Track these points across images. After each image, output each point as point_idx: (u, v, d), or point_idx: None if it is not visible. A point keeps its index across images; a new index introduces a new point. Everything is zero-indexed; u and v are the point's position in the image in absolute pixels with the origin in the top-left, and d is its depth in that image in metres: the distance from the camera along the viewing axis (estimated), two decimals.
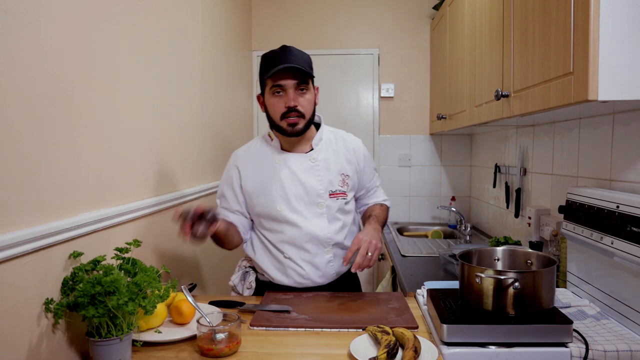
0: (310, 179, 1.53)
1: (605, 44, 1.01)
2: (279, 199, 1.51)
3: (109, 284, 0.99)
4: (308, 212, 1.52)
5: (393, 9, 3.25)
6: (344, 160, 1.59)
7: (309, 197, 1.52)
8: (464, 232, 2.70)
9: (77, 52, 1.13)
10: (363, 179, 1.67)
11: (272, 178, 1.53)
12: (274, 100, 1.47)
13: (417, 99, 3.27)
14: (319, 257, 1.54)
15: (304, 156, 1.55)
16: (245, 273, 1.67)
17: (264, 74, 1.46)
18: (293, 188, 1.52)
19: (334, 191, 1.55)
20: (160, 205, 1.61)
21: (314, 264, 1.54)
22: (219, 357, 1.11)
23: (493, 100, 1.65)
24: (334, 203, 1.55)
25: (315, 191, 1.52)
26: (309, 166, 1.54)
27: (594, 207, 1.33)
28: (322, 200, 1.53)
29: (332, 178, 1.55)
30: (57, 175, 1.05)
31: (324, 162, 1.55)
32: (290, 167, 1.53)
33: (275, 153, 1.56)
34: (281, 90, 1.46)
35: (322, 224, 1.53)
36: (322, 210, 1.53)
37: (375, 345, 1.14)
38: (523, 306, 1.13)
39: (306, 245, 1.53)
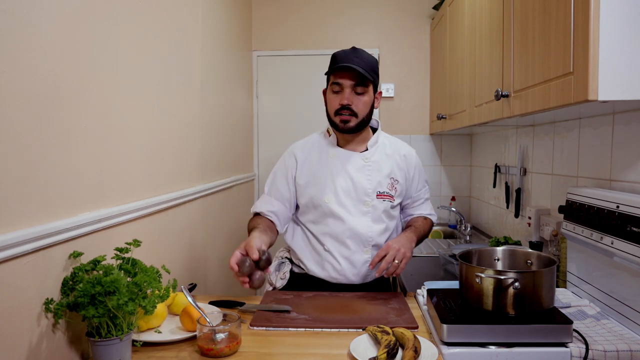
0: (361, 177, 1.57)
1: (605, 44, 1.02)
2: (328, 191, 1.56)
3: (109, 284, 0.99)
4: (354, 208, 1.56)
5: (393, 9, 3.25)
6: (395, 166, 1.63)
7: (357, 194, 1.56)
8: (464, 232, 2.70)
9: (77, 52, 1.13)
10: (411, 188, 1.68)
11: (325, 170, 1.58)
12: (332, 97, 1.54)
13: (417, 99, 3.27)
14: (357, 255, 1.57)
15: (358, 155, 1.60)
16: (281, 263, 1.69)
17: (329, 70, 1.54)
18: (343, 183, 1.56)
19: (381, 192, 1.58)
20: (160, 205, 1.61)
21: (351, 261, 1.56)
22: (219, 357, 1.11)
23: (493, 100, 1.65)
24: (380, 204, 1.58)
25: (363, 189, 1.56)
26: (361, 165, 1.58)
27: (594, 207, 1.33)
28: (368, 199, 1.56)
29: (381, 180, 1.59)
30: (57, 175, 1.05)
31: (376, 164, 1.60)
32: (343, 162, 1.58)
33: (331, 148, 1.62)
34: (339, 88, 1.52)
35: (365, 222, 1.56)
36: (368, 209, 1.57)
37: (375, 345, 1.14)
38: (523, 306, 1.13)
39: (347, 240, 1.56)
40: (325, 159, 1.60)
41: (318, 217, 1.58)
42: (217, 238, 2.41)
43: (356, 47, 1.56)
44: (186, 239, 1.93)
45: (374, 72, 1.54)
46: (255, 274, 1.31)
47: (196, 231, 2.06)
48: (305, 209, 1.61)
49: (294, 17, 3.28)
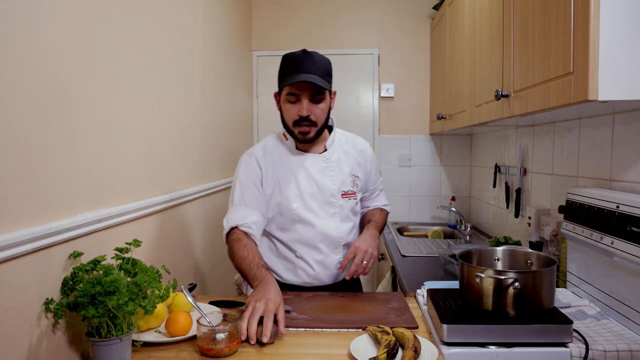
0: (325, 179, 1.56)
1: (605, 44, 1.01)
2: (295, 197, 1.53)
3: (109, 284, 0.99)
4: (322, 211, 1.55)
5: (393, 9, 3.25)
6: (354, 162, 1.63)
7: (323, 197, 1.55)
8: (464, 232, 2.70)
9: (77, 52, 1.13)
10: (369, 181, 1.70)
11: (288, 177, 1.54)
12: (289, 106, 1.49)
13: (417, 99, 3.27)
14: (329, 258, 1.57)
15: (318, 157, 1.58)
16: None
17: (282, 79, 1.47)
18: (308, 187, 1.54)
19: (346, 191, 1.58)
20: (160, 205, 1.61)
21: (325, 264, 1.57)
22: (219, 357, 1.10)
23: (493, 100, 1.65)
24: (346, 203, 1.58)
25: (329, 191, 1.55)
26: (323, 166, 1.57)
27: (594, 207, 1.33)
28: (335, 200, 1.56)
29: (344, 178, 1.58)
30: (57, 175, 1.05)
31: (337, 163, 1.59)
32: (305, 167, 1.56)
33: (290, 153, 1.58)
34: (296, 98, 1.47)
35: (334, 223, 1.56)
36: (335, 210, 1.56)
37: (375, 345, 1.14)
38: (523, 306, 1.13)
39: (319, 244, 1.55)
40: (286, 165, 1.55)
41: (286, 224, 1.54)
42: (217, 238, 2.41)
43: (307, 49, 1.49)
44: (186, 239, 1.93)
45: (329, 75, 1.50)
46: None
47: (196, 231, 2.06)
48: (271, 217, 1.56)
49: (293, 17, 3.28)
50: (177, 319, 1.21)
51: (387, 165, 3.30)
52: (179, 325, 1.20)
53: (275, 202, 1.54)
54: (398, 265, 2.02)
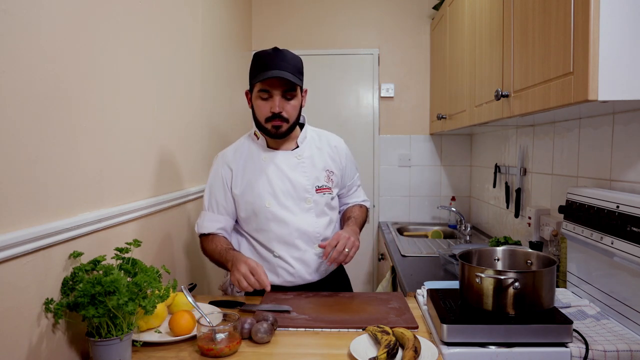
0: (297, 175, 1.55)
1: (605, 44, 1.02)
2: (267, 195, 1.53)
3: (109, 284, 0.99)
4: (296, 207, 1.54)
5: (393, 9, 3.25)
6: (327, 158, 1.62)
7: (297, 193, 1.54)
8: (464, 232, 2.70)
9: (77, 52, 1.13)
10: (345, 177, 1.69)
11: (260, 175, 1.54)
12: (260, 103, 1.48)
13: (417, 99, 3.27)
14: (308, 254, 1.56)
15: (290, 153, 1.57)
16: None
17: (253, 76, 1.48)
18: (281, 184, 1.53)
19: (320, 186, 1.57)
20: (160, 205, 1.61)
21: (304, 261, 1.55)
22: (219, 357, 1.11)
23: (493, 100, 1.65)
24: (321, 198, 1.57)
25: (302, 186, 1.55)
26: (295, 163, 1.56)
27: (594, 207, 1.33)
28: (309, 195, 1.55)
29: (317, 174, 1.58)
30: (57, 175, 1.05)
31: (310, 159, 1.58)
32: (277, 164, 1.55)
33: (262, 151, 1.58)
34: (268, 95, 1.47)
35: (310, 219, 1.55)
36: (310, 205, 1.56)
37: (375, 345, 1.14)
38: (523, 306, 1.13)
39: (296, 241, 1.54)
40: (258, 164, 1.56)
41: (261, 224, 1.54)
42: None
43: (278, 47, 1.49)
44: (186, 239, 1.93)
45: (300, 73, 1.50)
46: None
47: None
48: (246, 218, 1.57)
49: (293, 17, 3.28)
50: (181, 319, 1.21)
51: (387, 165, 3.30)
52: (182, 325, 1.20)
53: (246, 202, 1.54)
54: (398, 265, 2.02)
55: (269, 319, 1.22)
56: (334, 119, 3.24)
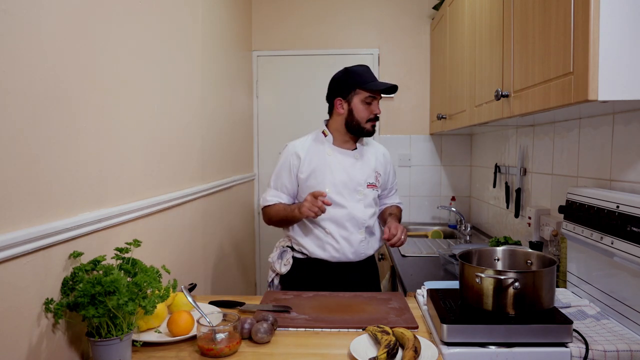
0: (354, 171, 1.85)
1: (605, 44, 1.01)
2: (328, 183, 1.81)
3: (109, 284, 0.99)
4: (350, 196, 1.83)
5: (393, 9, 3.25)
6: (377, 162, 1.93)
7: (352, 185, 1.83)
8: (464, 232, 2.70)
9: (77, 52, 1.13)
10: (388, 181, 2.01)
11: (324, 166, 1.83)
12: (364, 107, 1.82)
13: (417, 99, 3.27)
14: (354, 236, 1.82)
15: (350, 152, 1.88)
16: (283, 252, 1.91)
17: (359, 85, 1.80)
18: (340, 176, 1.82)
19: (370, 183, 1.87)
20: (160, 205, 1.61)
21: (349, 241, 1.82)
22: (219, 357, 1.11)
23: (493, 100, 1.65)
24: (370, 193, 1.87)
25: (356, 180, 1.84)
26: (353, 161, 1.87)
27: (594, 207, 1.33)
28: (361, 188, 1.85)
29: (369, 173, 1.88)
30: (57, 175, 1.05)
31: (364, 160, 1.89)
32: (339, 159, 1.86)
33: (328, 146, 1.87)
34: (371, 100, 1.82)
35: (360, 207, 1.83)
36: (361, 197, 1.84)
37: (375, 345, 1.14)
38: (523, 306, 1.13)
39: (346, 223, 1.81)
40: (323, 156, 1.85)
41: None
42: (217, 238, 2.41)
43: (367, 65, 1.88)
44: (186, 239, 1.93)
45: None
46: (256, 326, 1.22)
47: (196, 231, 2.06)
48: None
49: (293, 17, 3.28)
50: (179, 319, 1.21)
51: None
52: (181, 325, 1.20)
53: (309, 186, 1.82)
54: (398, 265, 2.02)
55: (269, 319, 1.22)
56: None
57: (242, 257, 2.98)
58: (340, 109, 1.85)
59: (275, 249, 1.93)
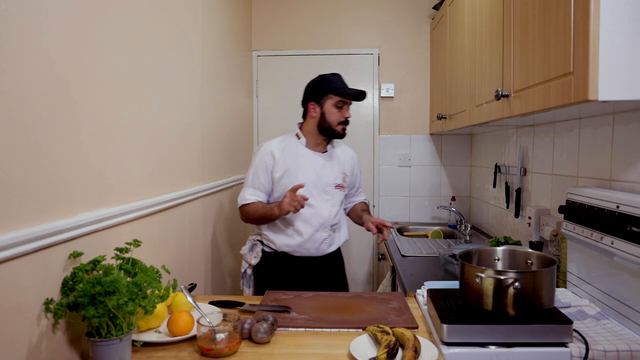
0: (324, 172, 1.99)
1: (605, 44, 1.01)
2: (300, 182, 1.88)
3: (109, 284, 0.99)
4: (318, 196, 1.96)
5: (393, 9, 3.25)
6: (346, 164, 2.08)
7: (321, 185, 1.97)
8: (464, 232, 2.70)
9: (77, 52, 1.13)
10: (356, 181, 2.19)
11: (297, 166, 1.95)
12: (335, 111, 1.96)
13: (417, 99, 3.27)
14: (318, 234, 1.97)
15: (321, 155, 2.02)
16: (253, 245, 2.06)
17: (331, 91, 1.94)
18: (310, 176, 1.95)
19: (338, 184, 2.02)
20: (160, 205, 1.61)
21: (314, 238, 1.96)
22: (219, 357, 1.11)
23: (493, 100, 1.65)
24: (337, 193, 2.02)
25: (326, 181, 1.98)
26: (323, 162, 2.00)
27: (594, 207, 1.33)
28: (329, 189, 1.99)
29: (337, 174, 2.02)
30: (57, 175, 1.05)
31: (333, 162, 2.03)
32: (310, 161, 1.98)
33: (301, 148, 2.00)
34: (342, 104, 1.96)
35: (327, 207, 1.98)
36: (329, 197, 1.99)
37: (375, 345, 1.14)
38: (523, 306, 1.13)
39: (313, 222, 1.95)
40: (296, 157, 1.97)
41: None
42: (217, 238, 2.41)
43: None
44: (186, 239, 1.93)
45: None
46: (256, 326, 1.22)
47: (196, 231, 2.06)
48: (279, 198, 1.94)
49: (294, 17, 3.28)
50: (179, 319, 1.21)
51: (387, 165, 3.30)
52: (180, 325, 1.20)
53: (282, 185, 1.94)
54: (398, 265, 2.02)
55: (269, 319, 1.22)
56: None
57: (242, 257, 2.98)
58: (313, 112, 1.98)
59: (247, 241, 2.08)
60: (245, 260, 2.06)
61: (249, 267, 2.05)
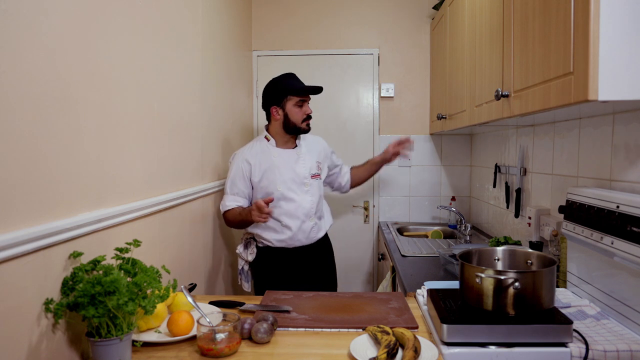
0: (298, 167, 2.13)
1: (605, 44, 1.01)
2: (279, 181, 2.07)
3: (109, 284, 0.99)
4: (298, 190, 2.11)
5: (393, 9, 3.25)
6: (316, 153, 2.23)
7: (299, 179, 2.11)
8: (464, 232, 2.70)
9: (77, 52, 1.13)
10: (332, 162, 2.36)
11: (272, 167, 2.08)
12: (297, 110, 2.10)
13: (417, 99, 3.27)
14: (306, 224, 2.12)
15: (292, 151, 2.17)
16: (247, 242, 2.20)
17: (290, 92, 2.08)
18: (287, 173, 2.09)
19: (314, 173, 2.17)
20: (160, 205, 1.61)
21: (302, 229, 2.11)
22: (219, 357, 1.11)
23: (493, 100, 1.65)
24: (315, 182, 2.17)
25: (302, 174, 2.12)
26: (296, 158, 2.15)
27: (594, 207, 1.33)
28: (307, 180, 2.13)
29: (311, 164, 2.18)
30: (58, 175, 1.05)
31: (305, 155, 2.18)
32: (284, 158, 2.13)
33: (273, 149, 2.13)
34: (302, 103, 2.10)
35: (308, 198, 2.13)
36: (308, 188, 2.13)
37: (375, 345, 1.14)
38: (523, 306, 1.13)
39: (299, 214, 2.09)
40: (270, 159, 2.11)
41: (273, 202, 2.03)
42: (217, 238, 2.41)
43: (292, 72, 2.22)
44: (186, 239, 1.93)
45: None
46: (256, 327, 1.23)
47: (196, 231, 2.06)
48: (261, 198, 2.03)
49: (293, 17, 3.28)
50: (179, 319, 1.21)
51: (387, 165, 3.29)
52: (180, 325, 1.20)
53: (263, 187, 2.08)
54: (398, 265, 2.02)
55: (269, 319, 1.22)
56: (334, 119, 3.24)
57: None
58: (277, 115, 2.12)
59: (240, 240, 2.24)
60: (242, 258, 2.18)
61: (246, 263, 2.18)
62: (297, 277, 2.13)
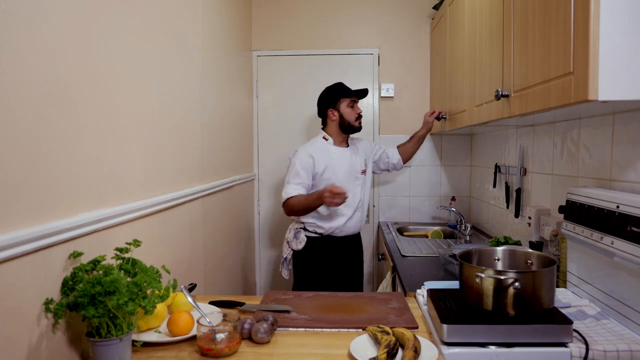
0: (352, 163, 2.45)
1: (605, 44, 1.01)
2: (339, 174, 2.38)
3: (109, 284, 0.99)
4: (352, 183, 2.42)
5: (393, 9, 3.25)
6: (362, 152, 2.55)
7: (352, 174, 2.43)
8: (464, 232, 2.70)
9: (77, 52, 1.13)
10: (378, 152, 2.70)
11: (333, 162, 2.40)
12: (350, 110, 2.42)
13: (417, 99, 3.27)
14: (356, 213, 2.44)
15: (346, 149, 2.48)
16: (297, 232, 2.41)
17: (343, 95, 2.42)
18: (344, 168, 2.41)
19: (363, 170, 2.50)
20: (160, 205, 1.61)
21: (354, 218, 2.42)
22: (219, 357, 1.11)
23: (493, 100, 1.65)
24: (363, 177, 2.49)
25: (356, 169, 2.45)
26: (350, 155, 2.47)
27: (594, 207, 1.33)
28: (358, 175, 2.46)
29: (360, 162, 2.50)
30: (57, 175, 1.05)
31: (356, 153, 2.50)
32: (341, 155, 2.44)
33: (331, 147, 2.45)
34: (354, 104, 2.43)
35: (359, 190, 2.45)
36: (359, 182, 2.46)
37: (375, 345, 1.14)
38: (523, 306, 1.13)
39: (352, 203, 2.38)
40: (329, 155, 2.41)
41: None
42: (217, 238, 2.41)
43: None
44: (186, 239, 1.93)
45: None
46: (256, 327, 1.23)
47: (196, 231, 2.06)
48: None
49: (294, 17, 3.28)
50: (179, 319, 1.21)
51: None
52: (180, 325, 1.20)
53: (324, 178, 2.36)
54: (398, 265, 2.02)
55: (269, 319, 1.22)
56: None
57: (242, 257, 2.98)
58: (333, 116, 2.43)
59: (289, 230, 2.44)
60: (290, 247, 2.41)
61: (290, 252, 2.41)
62: (336, 265, 2.39)
